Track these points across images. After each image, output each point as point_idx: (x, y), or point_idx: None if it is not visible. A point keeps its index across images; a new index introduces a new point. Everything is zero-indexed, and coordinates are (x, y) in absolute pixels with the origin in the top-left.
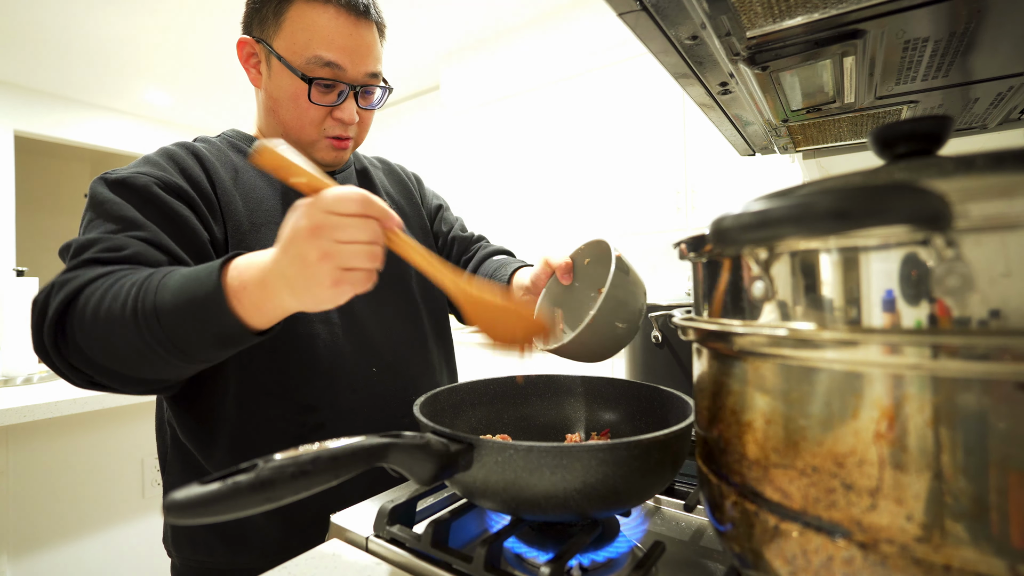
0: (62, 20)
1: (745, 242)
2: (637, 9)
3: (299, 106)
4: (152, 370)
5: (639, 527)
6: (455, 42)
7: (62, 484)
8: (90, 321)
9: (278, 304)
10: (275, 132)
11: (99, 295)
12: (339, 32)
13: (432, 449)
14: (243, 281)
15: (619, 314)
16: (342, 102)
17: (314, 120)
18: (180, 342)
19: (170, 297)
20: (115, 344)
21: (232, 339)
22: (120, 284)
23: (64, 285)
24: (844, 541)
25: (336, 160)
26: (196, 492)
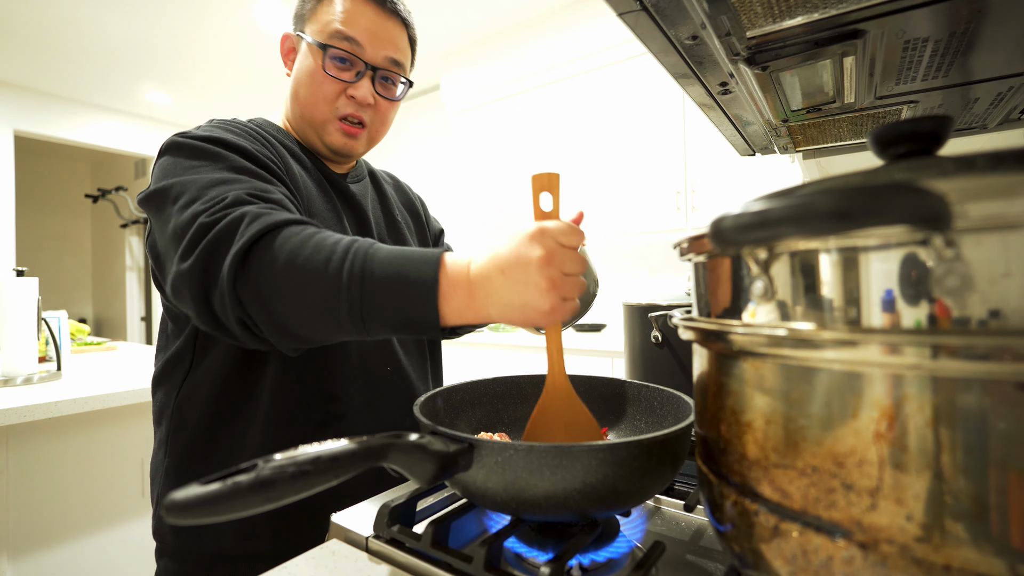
0: (62, 20)
1: (745, 242)
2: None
3: (315, 80)
4: (315, 327)
5: (639, 527)
6: (455, 42)
7: (62, 484)
8: (285, 263)
9: (481, 314)
10: (296, 115)
11: (299, 240)
12: (363, 15)
13: (432, 449)
14: (453, 284)
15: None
16: (359, 80)
17: (327, 96)
18: (370, 313)
19: (381, 270)
20: (302, 292)
21: (418, 328)
22: (323, 237)
23: (259, 217)
24: (844, 541)
25: (347, 147)
26: (196, 492)
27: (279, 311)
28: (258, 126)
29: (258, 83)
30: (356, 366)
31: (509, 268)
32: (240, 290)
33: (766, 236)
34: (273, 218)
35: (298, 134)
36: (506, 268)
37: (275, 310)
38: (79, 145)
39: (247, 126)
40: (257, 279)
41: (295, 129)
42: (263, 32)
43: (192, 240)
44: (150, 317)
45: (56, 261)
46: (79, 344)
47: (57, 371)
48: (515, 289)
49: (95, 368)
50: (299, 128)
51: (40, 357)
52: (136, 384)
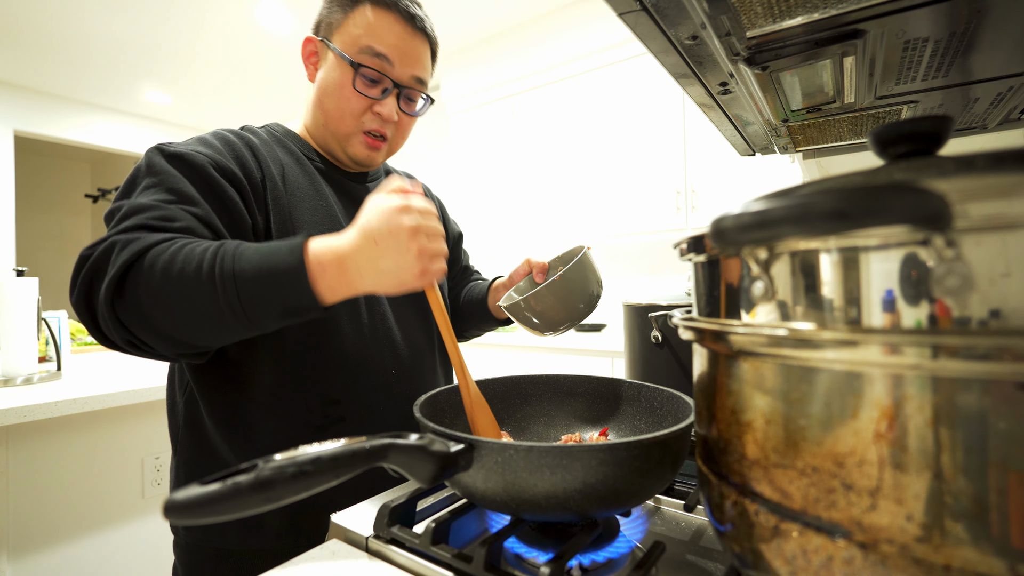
0: (62, 20)
1: (745, 242)
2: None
3: (343, 95)
4: (208, 333)
5: (639, 527)
6: (455, 42)
7: (62, 484)
8: (159, 281)
9: (354, 287)
10: (318, 125)
11: (168, 257)
12: (393, 33)
13: (432, 449)
14: (322, 263)
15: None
16: (385, 98)
17: (354, 111)
18: (251, 308)
19: (250, 266)
20: (182, 305)
21: (299, 312)
22: (191, 249)
23: (128, 244)
24: (844, 541)
25: (369, 159)
26: (196, 492)
27: (163, 326)
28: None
29: (259, 83)
30: (355, 369)
31: (381, 238)
32: (121, 315)
33: (766, 236)
34: (142, 243)
35: (316, 140)
36: (378, 238)
37: (159, 326)
38: (79, 145)
39: (229, 136)
40: (135, 302)
41: (314, 135)
42: (264, 32)
43: (74, 273)
44: None
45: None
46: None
47: (57, 371)
48: (388, 256)
49: (95, 368)
50: (319, 136)
51: (40, 357)
52: (136, 384)
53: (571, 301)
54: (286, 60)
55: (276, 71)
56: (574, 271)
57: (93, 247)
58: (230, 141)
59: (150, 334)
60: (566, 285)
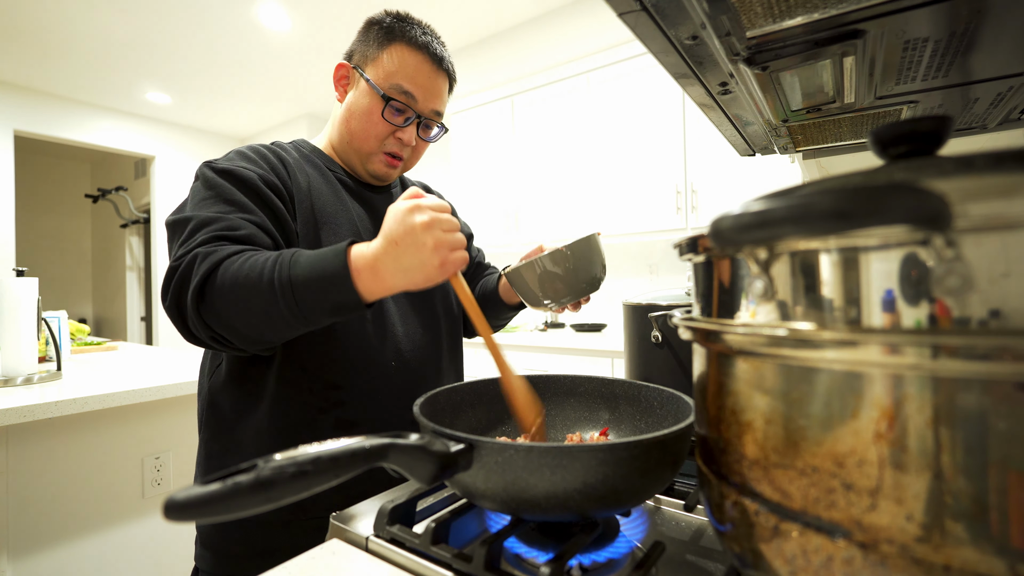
0: (62, 20)
1: (745, 242)
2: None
3: (371, 120)
4: (272, 330)
5: (639, 527)
6: (455, 42)
7: (62, 484)
8: (230, 286)
9: (388, 286)
10: (343, 141)
11: (237, 267)
12: (420, 72)
13: (432, 449)
14: (358, 268)
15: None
16: (407, 126)
17: (379, 135)
18: (306, 308)
19: (303, 272)
20: (250, 307)
21: (346, 309)
22: (255, 259)
23: (207, 257)
24: (844, 541)
25: (386, 175)
26: (196, 492)
27: (238, 324)
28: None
29: (259, 83)
30: (357, 358)
31: (400, 239)
32: (205, 316)
33: (766, 236)
34: (218, 255)
35: (338, 153)
36: (398, 239)
37: (234, 324)
38: (79, 145)
39: (263, 151)
40: (214, 305)
41: (338, 151)
42: (264, 32)
43: (165, 283)
44: (150, 317)
45: (56, 261)
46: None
47: (57, 371)
48: (409, 253)
49: (95, 368)
50: (343, 151)
51: (40, 357)
52: (136, 384)
53: (573, 274)
54: (286, 60)
55: (276, 71)
56: (579, 246)
57: (179, 259)
58: (267, 156)
59: (228, 331)
60: (569, 257)
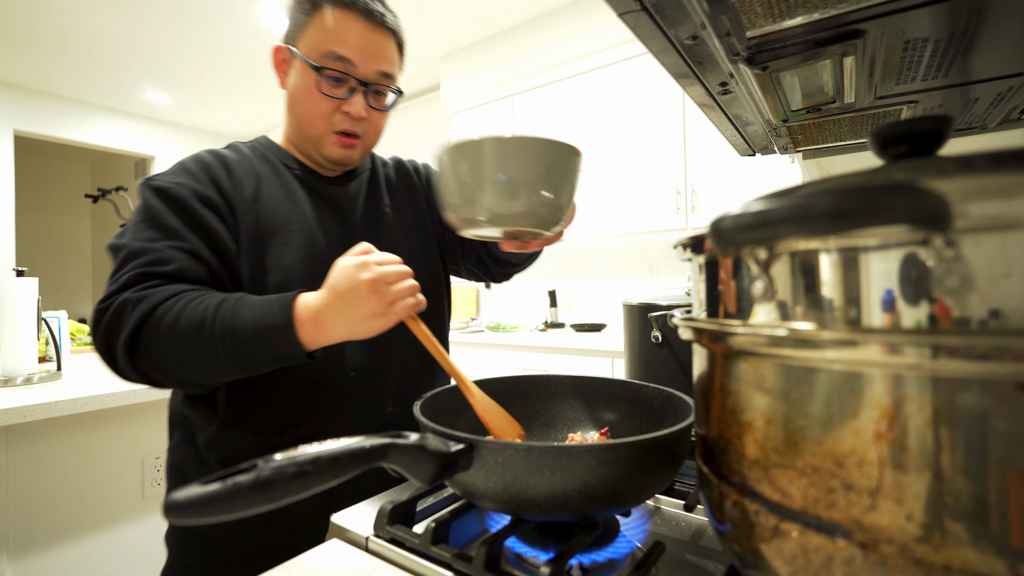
0: (62, 20)
1: (745, 242)
2: (637, 9)
3: (311, 99)
4: (213, 377)
5: (639, 527)
6: (455, 42)
7: (62, 484)
8: (166, 336)
9: (330, 336)
10: (294, 130)
11: (173, 316)
12: (353, 33)
13: (432, 449)
14: (302, 320)
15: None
16: (352, 96)
17: (323, 113)
18: (250, 359)
19: (246, 324)
20: (188, 357)
21: (289, 359)
22: (194, 307)
23: (138, 305)
24: (844, 541)
25: (344, 157)
26: (196, 492)
27: (176, 373)
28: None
29: (258, 83)
30: (312, 376)
31: (344, 293)
32: (139, 365)
33: (766, 236)
34: (149, 303)
35: (296, 147)
36: (343, 294)
37: (172, 373)
38: (79, 145)
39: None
40: (149, 356)
41: (293, 142)
42: (264, 32)
43: (94, 323)
44: None
45: (56, 261)
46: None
47: (57, 371)
48: (351, 307)
49: (95, 368)
50: (297, 141)
51: (40, 357)
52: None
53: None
54: None
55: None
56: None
57: (106, 302)
58: (210, 166)
59: (163, 377)
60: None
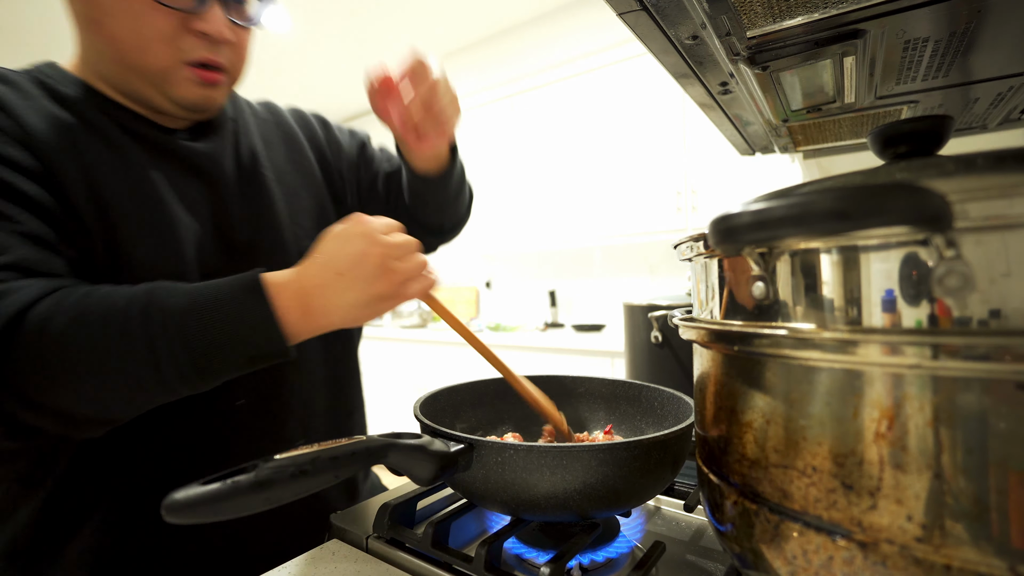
0: (62, 20)
1: (745, 242)
2: (637, 9)
3: (136, 9)
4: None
5: (639, 527)
6: (455, 42)
7: None
8: (58, 352)
9: (319, 324)
10: (108, 62)
11: (66, 321)
12: None
13: (432, 449)
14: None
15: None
16: (204, 8)
17: (163, 34)
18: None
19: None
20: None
21: (265, 360)
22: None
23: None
24: (844, 541)
25: (205, 99)
26: (196, 492)
27: (64, 403)
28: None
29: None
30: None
31: (346, 271)
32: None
33: (766, 236)
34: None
35: (112, 84)
36: (344, 272)
37: (58, 403)
38: None
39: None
40: (22, 382)
41: (106, 78)
42: (264, 32)
43: None
44: None
45: None
46: None
47: None
48: (357, 287)
49: None
50: (116, 77)
51: None
52: None
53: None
54: (286, 60)
55: (276, 71)
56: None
57: None
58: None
59: (38, 415)
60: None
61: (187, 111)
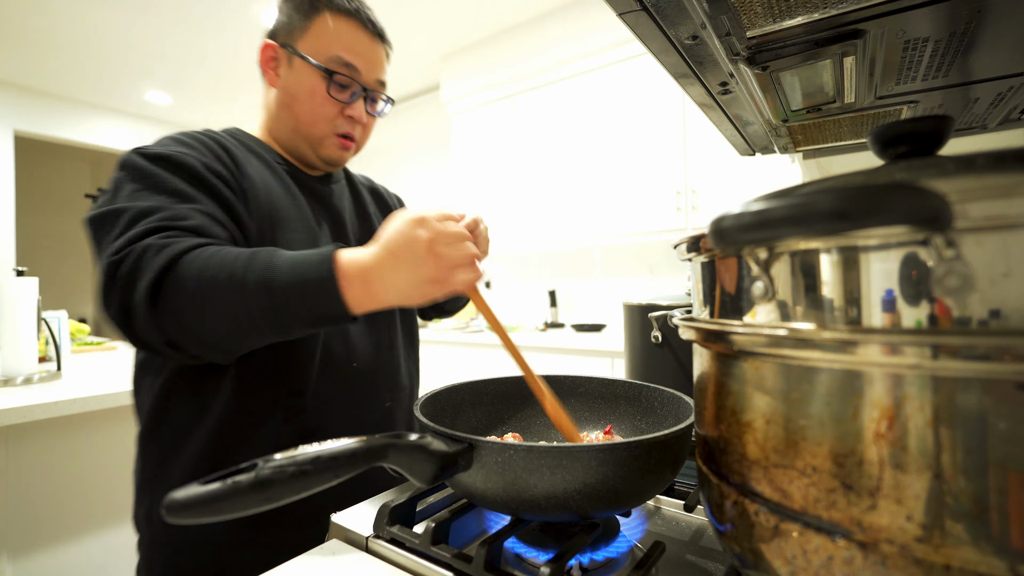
0: (62, 20)
1: (745, 242)
2: (637, 9)
3: (315, 100)
4: (238, 338)
5: (639, 527)
6: (455, 42)
7: (62, 484)
8: (194, 286)
9: (379, 300)
10: (286, 129)
11: (202, 263)
12: (358, 41)
13: (432, 449)
14: (348, 276)
15: None
16: (354, 101)
17: (327, 116)
18: (285, 317)
19: (284, 276)
20: (217, 311)
21: (330, 320)
22: (224, 256)
23: (163, 249)
24: (844, 541)
25: (341, 159)
26: (196, 492)
27: (200, 330)
28: (218, 137)
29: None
30: (319, 363)
31: (400, 252)
32: (159, 319)
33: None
34: (176, 247)
35: (282, 144)
36: (397, 252)
37: (196, 331)
38: (79, 145)
39: (203, 138)
40: (172, 306)
41: (278, 138)
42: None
43: (106, 281)
44: None
45: (56, 261)
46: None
47: (57, 371)
48: (407, 268)
49: (95, 368)
50: (287, 139)
51: (40, 357)
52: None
53: None
54: None
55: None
56: None
57: (121, 253)
58: (205, 143)
59: (186, 336)
60: None
61: (326, 165)
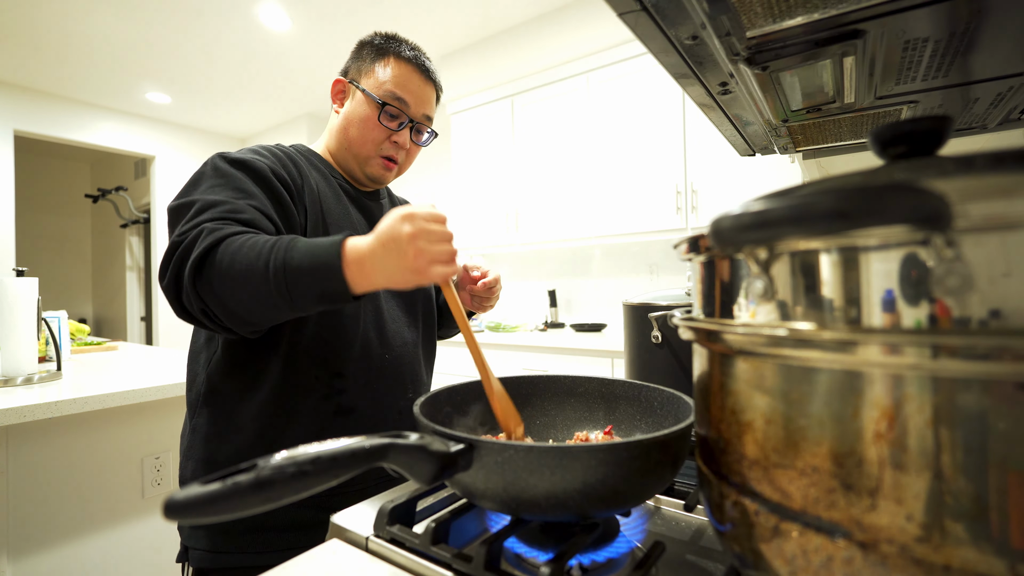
0: (62, 20)
1: (745, 242)
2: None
3: (367, 126)
4: (260, 312)
5: (639, 527)
6: (455, 42)
7: (62, 484)
8: (228, 263)
9: (372, 282)
10: (341, 148)
11: (237, 246)
12: (411, 81)
13: (432, 449)
14: (349, 259)
15: None
16: (401, 130)
17: (375, 140)
18: (293, 292)
19: (298, 258)
20: (243, 286)
21: (334, 298)
22: (255, 241)
23: (212, 232)
24: (844, 541)
25: (383, 178)
26: (196, 492)
27: (229, 301)
28: (288, 151)
29: (259, 83)
30: (358, 351)
31: (387, 242)
32: (200, 289)
33: (766, 236)
34: (221, 232)
35: (336, 160)
36: (385, 242)
37: (226, 301)
38: (79, 145)
39: (275, 149)
40: (210, 279)
41: (334, 155)
42: (264, 32)
43: (166, 258)
44: (150, 317)
45: (56, 261)
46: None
47: (57, 371)
48: (391, 257)
49: (95, 368)
50: (340, 156)
51: (40, 357)
52: (136, 384)
53: None
54: (286, 60)
55: (276, 71)
56: None
57: (183, 235)
58: (277, 155)
59: (220, 308)
60: None
61: (371, 182)
